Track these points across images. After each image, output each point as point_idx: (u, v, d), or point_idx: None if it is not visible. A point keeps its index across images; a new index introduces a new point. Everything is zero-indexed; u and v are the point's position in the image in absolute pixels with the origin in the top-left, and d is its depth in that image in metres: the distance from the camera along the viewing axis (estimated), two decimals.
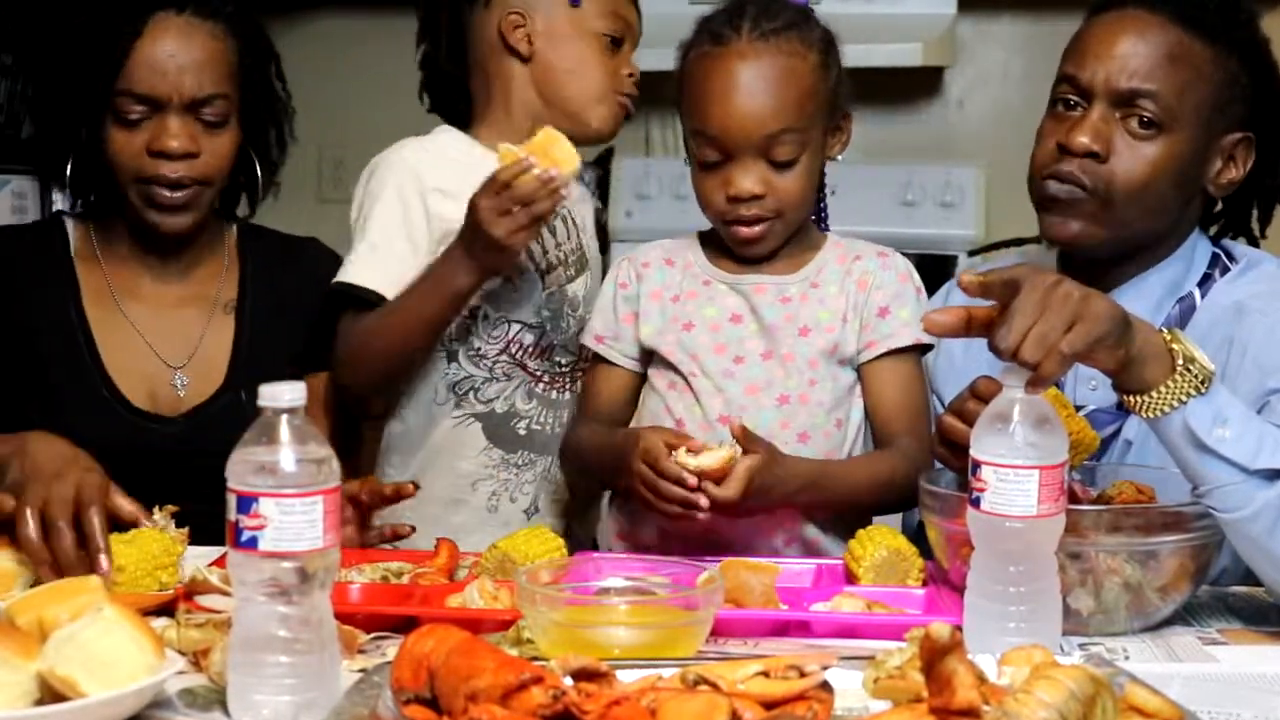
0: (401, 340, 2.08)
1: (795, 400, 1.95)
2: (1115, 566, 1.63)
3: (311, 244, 2.34)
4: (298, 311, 2.22)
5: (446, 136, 2.22)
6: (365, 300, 2.09)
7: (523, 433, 2.18)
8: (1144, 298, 1.93)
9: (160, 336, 2.19)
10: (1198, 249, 1.99)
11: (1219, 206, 2.02)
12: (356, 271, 2.10)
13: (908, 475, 1.87)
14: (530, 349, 2.17)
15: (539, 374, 2.18)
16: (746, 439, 1.79)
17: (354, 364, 2.10)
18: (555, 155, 1.95)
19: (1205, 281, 1.97)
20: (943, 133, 4.03)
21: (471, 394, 2.16)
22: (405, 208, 2.12)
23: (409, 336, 2.08)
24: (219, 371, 2.19)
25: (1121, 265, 1.96)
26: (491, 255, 1.99)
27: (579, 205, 2.26)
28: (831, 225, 2.12)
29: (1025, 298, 1.55)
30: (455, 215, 2.03)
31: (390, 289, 2.08)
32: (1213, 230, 2.03)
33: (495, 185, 1.94)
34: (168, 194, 2.10)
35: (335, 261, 2.15)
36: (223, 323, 2.22)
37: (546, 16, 2.18)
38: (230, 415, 1.47)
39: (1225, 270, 1.98)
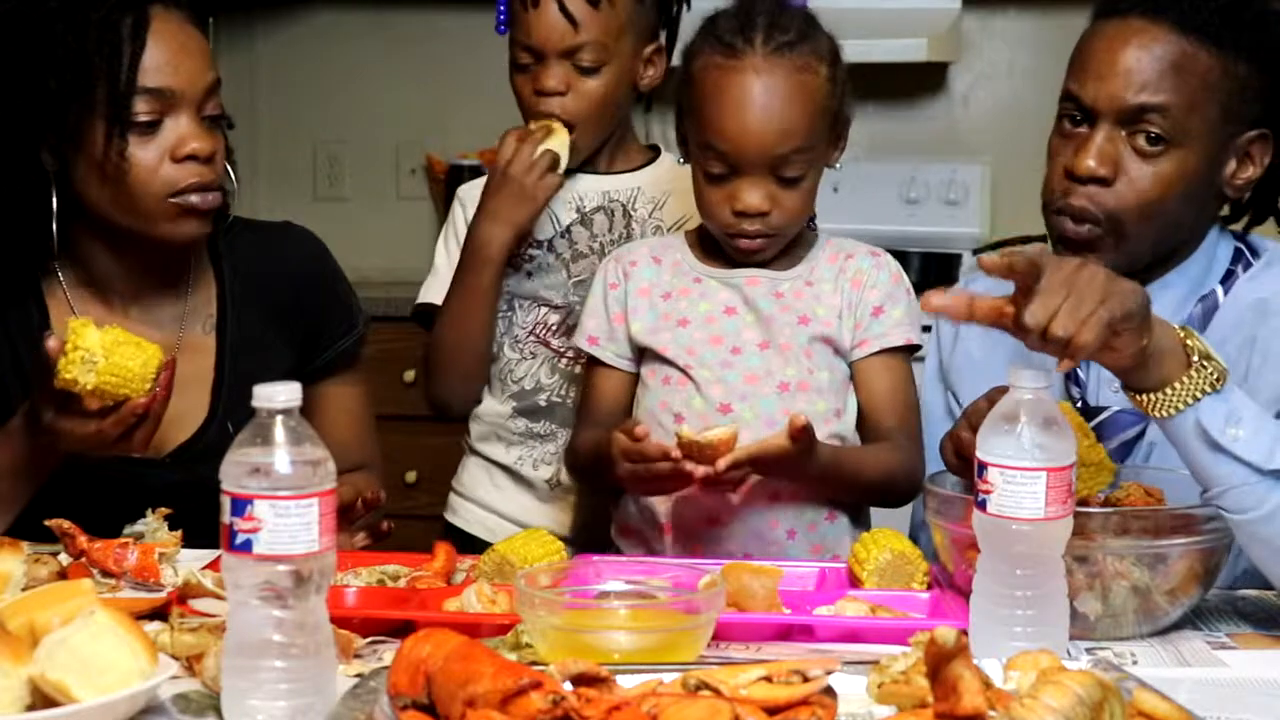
0: (464, 326, 2.17)
1: (795, 388, 1.95)
2: (1123, 570, 1.61)
3: (290, 230, 2.19)
4: (288, 323, 2.09)
5: None
6: (432, 319, 2.23)
7: (544, 404, 2.25)
8: (1165, 299, 1.87)
9: None
10: (1219, 245, 1.95)
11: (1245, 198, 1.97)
12: (422, 293, 2.27)
13: (904, 469, 1.90)
14: (555, 328, 2.24)
15: (561, 350, 2.24)
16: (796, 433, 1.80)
17: (439, 373, 2.21)
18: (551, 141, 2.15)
19: (1228, 278, 1.93)
20: (947, 129, 4.03)
21: (508, 376, 2.25)
22: (456, 230, 2.24)
23: (468, 317, 2.17)
24: (200, 402, 2.03)
25: (1140, 273, 1.92)
26: (513, 201, 2.12)
27: (648, 197, 2.26)
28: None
29: (1051, 277, 1.53)
30: None
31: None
32: (1240, 224, 1.98)
33: (530, 142, 2.13)
34: (199, 199, 1.93)
35: (317, 246, 2.18)
36: (201, 344, 2.04)
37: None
38: (221, 450, 1.35)
39: (1248, 265, 1.94)
